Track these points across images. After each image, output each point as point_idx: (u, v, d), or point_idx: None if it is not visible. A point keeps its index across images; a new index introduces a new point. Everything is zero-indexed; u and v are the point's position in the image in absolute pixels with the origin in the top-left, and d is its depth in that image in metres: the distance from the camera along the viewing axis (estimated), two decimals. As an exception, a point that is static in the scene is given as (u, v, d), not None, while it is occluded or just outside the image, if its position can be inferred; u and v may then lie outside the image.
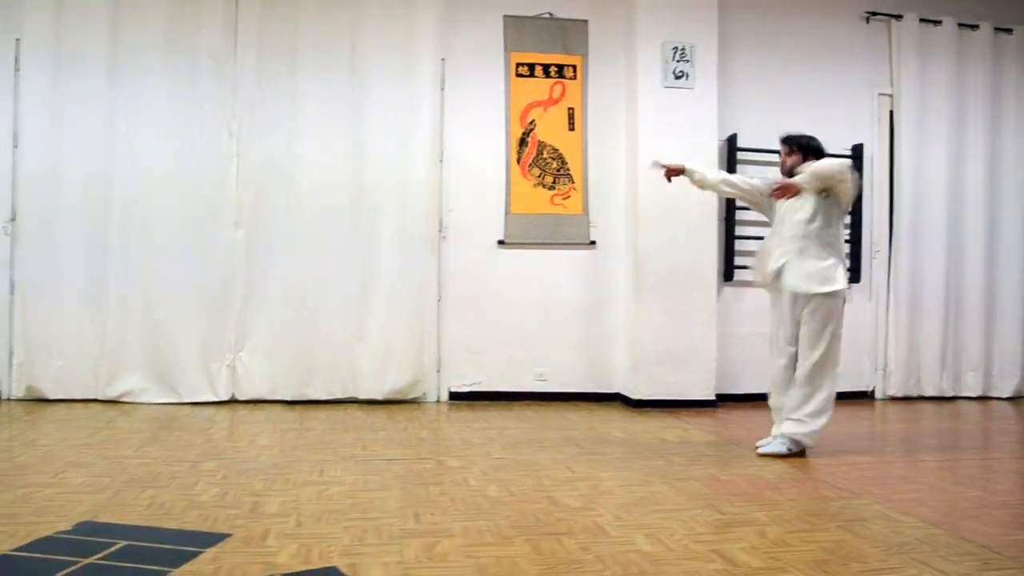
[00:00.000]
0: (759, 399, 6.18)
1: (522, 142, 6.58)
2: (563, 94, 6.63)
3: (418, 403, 6.49)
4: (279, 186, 6.32)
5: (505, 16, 6.63)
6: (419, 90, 6.47)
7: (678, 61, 6.44)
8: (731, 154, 6.66)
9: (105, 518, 3.29)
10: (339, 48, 6.43)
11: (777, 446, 4.56)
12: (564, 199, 6.60)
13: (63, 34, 6.22)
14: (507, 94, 6.61)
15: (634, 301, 6.50)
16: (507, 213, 6.57)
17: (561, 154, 6.60)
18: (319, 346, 6.33)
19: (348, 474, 4.11)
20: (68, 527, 3.15)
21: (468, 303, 6.54)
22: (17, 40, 6.22)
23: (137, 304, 6.21)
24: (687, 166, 4.87)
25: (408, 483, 3.93)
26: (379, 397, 6.34)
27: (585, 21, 6.68)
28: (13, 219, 6.23)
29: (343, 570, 2.70)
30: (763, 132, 6.59)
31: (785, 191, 4.46)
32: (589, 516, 3.39)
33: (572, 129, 6.62)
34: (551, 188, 6.59)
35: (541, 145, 6.58)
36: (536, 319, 6.62)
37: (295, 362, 6.32)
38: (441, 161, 6.51)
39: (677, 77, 6.46)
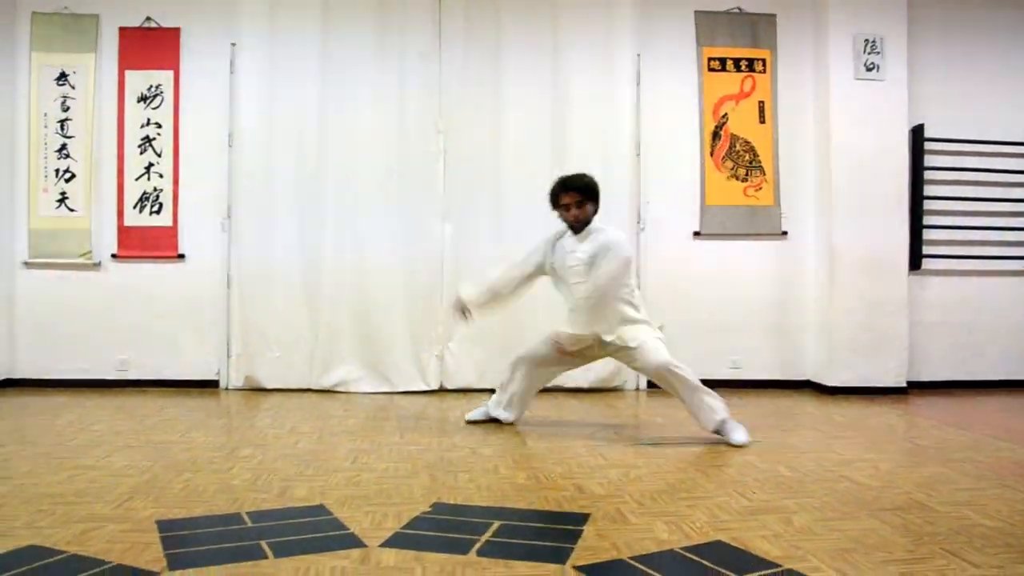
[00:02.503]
0: (949, 387, 6.53)
1: (715, 135, 6.70)
2: (753, 87, 6.75)
3: (618, 391, 6.59)
4: (485, 180, 6.48)
5: (696, 12, 6.75)
6: (616, 86, 6.61)
7: (869, 53, 6.54)
8: (918, 145, 6.72)
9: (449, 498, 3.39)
10: (540, 46, 6.57)
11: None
12: (756, 191, 6.72)
13: (277, 38, 6.48)
14: (700, 88, 6.73)
15: (827, 289, 6.60)
16: (702, 205, 6.70)
17: (753, 146, 6.71)
18: (525, 336, 6.43)
19: (640, 457, 4.35)
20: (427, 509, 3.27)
21: (665, 293, 6.66)
22: (233, 45, 6.44)
23: (350, 296, 6.39)
24: (462, 295, 4.92)
25: (696, 465, 4.11)
26: (584, 385, 6.47)
27: (774, 15, 6.79)
28: (229, 216, 6.40)
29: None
30: (951, 123, 6.78)
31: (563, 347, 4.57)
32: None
33: (763, 122, 6.73)
34: (744, 180, 6.71)
35: (734, 138, 6.70)
36: (729, 308, 6.74)
37: (502, 351, 6.43)
38: (638, 155, 6.64)
39: (868, 69, 6.56)
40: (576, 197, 4.55)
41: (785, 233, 6.74)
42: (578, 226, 4.61)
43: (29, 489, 3.54)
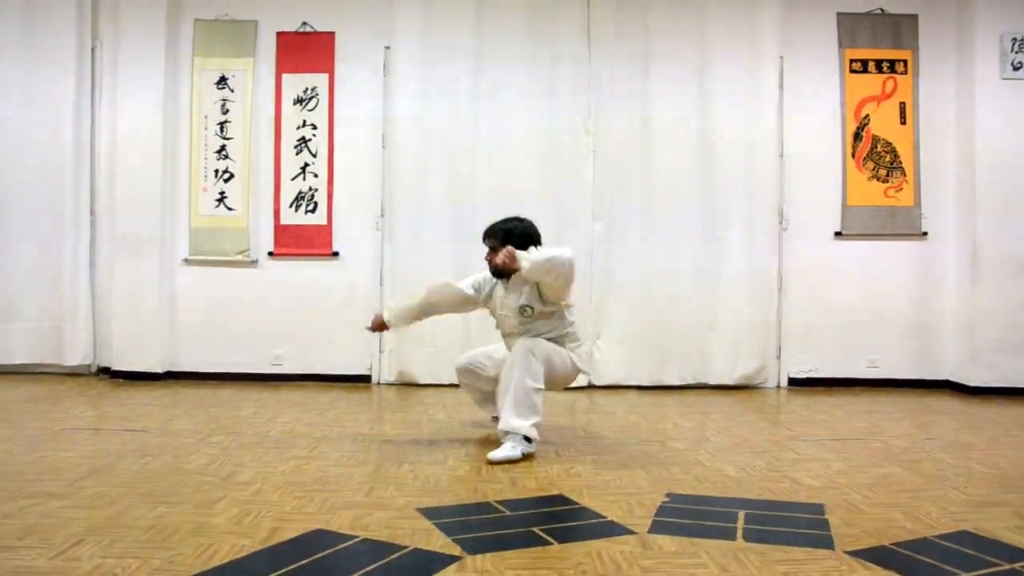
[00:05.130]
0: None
1: (856, 136, 6.76)
2: (895, 89, 6.80)
3: (760, 388, 6.68)
4: (633, 181, 6.62)
5: (839, 13, 6.82)
6: (760, 88, 6.72)
7: (1016, 52, 6.55)
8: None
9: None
10: (686, 49, 6.71)
11: None
12: (897, 191, 6.77)
13: (430, 42, 6.67)
14: (842, 90, 6.80)
15: (968, 288, 6.63)
16: (843, 205, 6.77)
17: (894, 147, 6.77)
18: (672, 333, 6.60)
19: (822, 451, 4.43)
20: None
21: (806, 292, 6.74)
22: (386, 48, 6.64)
23: (501, 294, 6.49)
24: (385, 317, 4.61)
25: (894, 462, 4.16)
26: (730, 382, 6.57)
27: (915, 15, 6.84)
28: (382, 214, 6.59)
29: None
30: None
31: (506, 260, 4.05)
32: None
33: (904, 123, 6.78)
34: (884, 181, 6.77)
35: (875, 139, 6.76)
36: (868, 307, 6.80)
37: (649, 349, 6.59)
38: (781, 156, 6.72)
39: (1016, 68, 6.57)
40: (492, 243, 4.31)
41: (925, 233, 6.78)
42: (502, 275, 4.35)
43: (274, 477, 3.76)
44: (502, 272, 4.28)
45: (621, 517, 3.18)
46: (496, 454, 4.05)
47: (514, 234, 4.26)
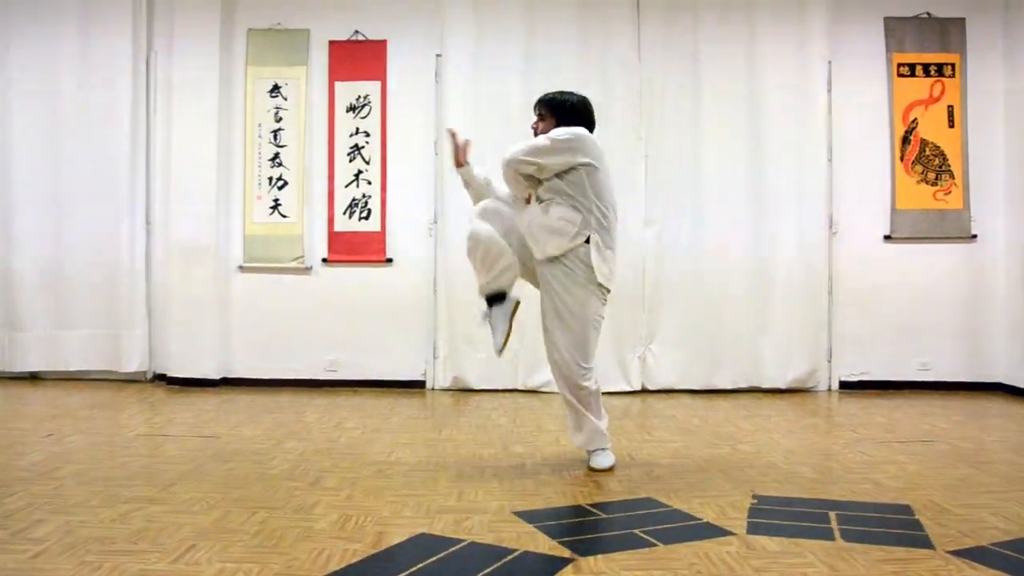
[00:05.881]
0: None
1: (905, 140, 6.80)
2: (943, 92, 6.83)
3: (811, 392, 6.71)
4: (684, 186, 6.67)
5: (886, 18, 6.86)
6: (808, 92, 6.76)
7: (1066, 55, 6.56)
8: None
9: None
10: (735, 54, 6.76)
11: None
12: (945, 195, 6.80)
13: (481, 50, 6.74)
14: (890, 94, 6.84)
15: (1020, 291, 6.66)
16: (892, 209, 6.80)
17: (942, 151, 6.79)
18: (724, 337, 6.64)
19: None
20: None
21: (856, 295, 6.78)
22: (438, 56, 6.72)
23: (554, 299, 6.54)
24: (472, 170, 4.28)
25: None
26: (782, 386, 6.60)
27: (963, 19, 6.86)
28: (436, 221, 6.65)
29: None
30: None
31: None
32: None
33: (952, 126, 6.81)
34: (933, 184, 6.80)
35: (923, 143, 6.79)
36: (918, 310, 6.82)
37: (702, 353, 6.63)
38: (830, 160, 6.75)
39: (1065, 71, 6.57)
40: (539, 111, 4.10)
41: (975, 236, 6.79)
42: None
43: (361, 482, 3.83)
44: None
45: (716, 518, 3.23)
46: (602, 463, 4.06)
47: (565, 105, 4.02)
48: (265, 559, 2.75)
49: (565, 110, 3.99)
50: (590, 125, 4.02)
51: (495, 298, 4.04)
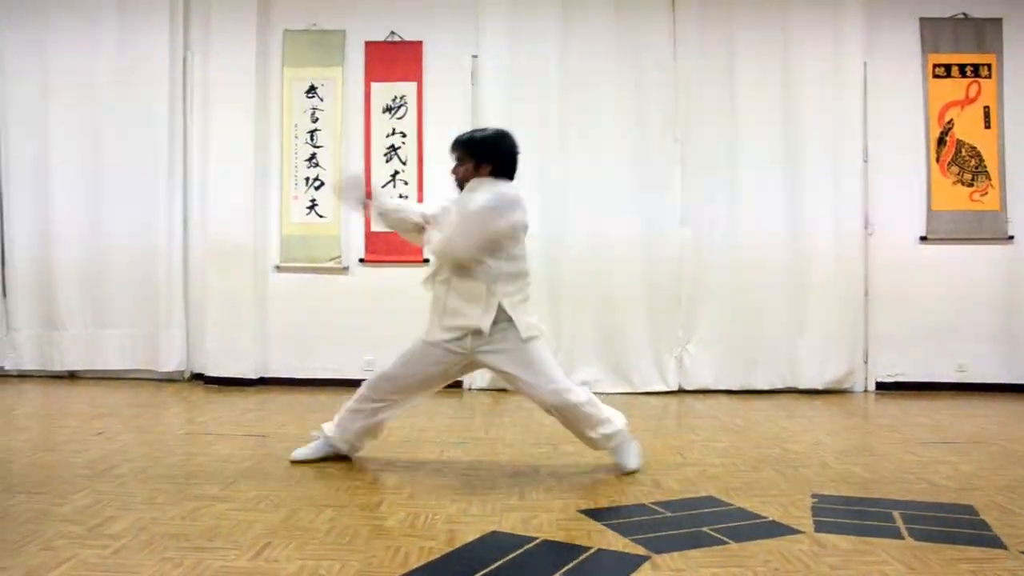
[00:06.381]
0: None
1: (940, 141, 6.80)
2: (979, 93, 6.82)
3: (848, 393, 6.71)
4: (720, 187, 6.68)
5: (922, 19, 6.85)
6: (844, 93, 6.77)
7: (1103, 54, 6.56)
8: None
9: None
10: (771, 55, 6.76)
11: None
12: (982, 196, 6.80)
13: (517, 50, 6.76)
14: (925, 95, 6.84)
15: (1058, 293, 6.62)
16: (928, 210, 6.80)
17: (978, 152, 6.79)
18: (761, 338, 6.64)
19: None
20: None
21: (891, 297, 6.78)
22: (473, 57, 6.74)
23: (591, 302, 6.64)
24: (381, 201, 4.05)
25: None
26: (819, 387, 6.60)
27: (999, 19, 6.85)
28: (472, 221, 6.63)
29: None
30: None
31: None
32: None
33: (988, 127, 6.81)
34: (969, 185, 6.80)
35: (959, 144, 6.79)
36: (955, 311, 6.82)
37: (739, 353, 6.64)
38: (865, 162, 6.76)
39: (1102, 70, 6.57)
40: (456, 154, 3.93)
41: (1012, 237, 6.79)
42: (461, 187, 3.93)
43: (420, 480, 3.87)
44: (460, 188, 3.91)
45: (781, 517, 3.25)
46: (631, 462, 4.02)
47: (484, 143, 3.87)
48: (343, 557, 2.77)
49: (484, 148, 3.84)
50: (510, 157, 3.87)
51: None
